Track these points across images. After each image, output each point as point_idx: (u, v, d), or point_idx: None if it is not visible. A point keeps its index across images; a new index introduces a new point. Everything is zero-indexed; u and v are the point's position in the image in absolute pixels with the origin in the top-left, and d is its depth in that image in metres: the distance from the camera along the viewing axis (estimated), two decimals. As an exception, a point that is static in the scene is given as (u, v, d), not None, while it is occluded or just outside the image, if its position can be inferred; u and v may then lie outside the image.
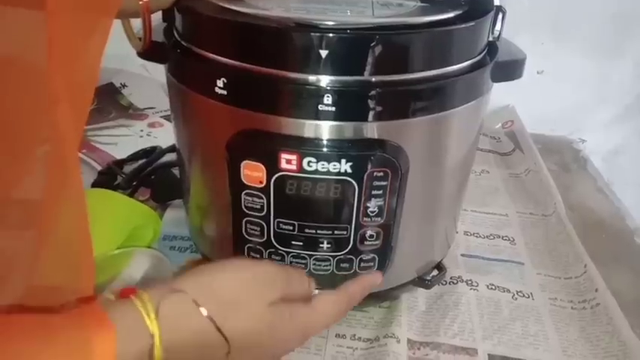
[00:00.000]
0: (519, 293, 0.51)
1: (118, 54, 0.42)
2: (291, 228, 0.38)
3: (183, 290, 0.28)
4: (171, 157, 0.63)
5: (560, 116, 0.86)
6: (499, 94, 0.41)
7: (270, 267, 0.33)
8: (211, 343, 0.28)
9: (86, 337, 0.24)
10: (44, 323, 0.24)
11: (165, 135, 0.72)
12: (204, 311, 0.28)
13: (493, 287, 0.51)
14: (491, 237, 0.59)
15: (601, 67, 0.82)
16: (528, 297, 0.50)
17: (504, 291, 0.51)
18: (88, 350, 0.23)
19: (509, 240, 0.58)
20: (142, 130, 0.74)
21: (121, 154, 0.66)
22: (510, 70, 0.41)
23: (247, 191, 0.37)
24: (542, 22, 0.79)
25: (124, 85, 0.83)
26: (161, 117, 0.78)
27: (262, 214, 0.37)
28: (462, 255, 0.55)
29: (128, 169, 0.62)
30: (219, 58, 0.35)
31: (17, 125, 0.31)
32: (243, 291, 0.30)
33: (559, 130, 0.86)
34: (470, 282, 0.51)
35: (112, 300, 0.29)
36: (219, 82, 0.34)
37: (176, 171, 0.60)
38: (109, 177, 0.61)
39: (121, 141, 0.71)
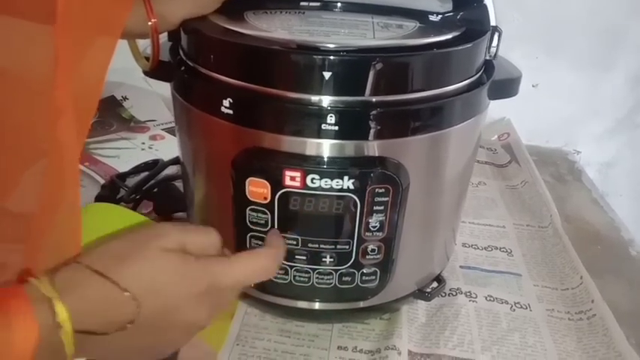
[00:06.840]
0: (517, 304, 0.51)
1: (120, 67, 0.43)
2: (294, 243, 0.39)
3: (75, 260, 0.28)
4: (173, 169, 0.64)
5: (554, 128, 0.87)
6: (495, 107, 0.43)
7: (164, 223, 0.33)
8: (112, 299, 0.27)
9: (7, 322, 0.24)
10: None
11: (166, 147, 0.73)
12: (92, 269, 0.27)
13: (491, 299, 0.52)
14: (489, 248, 0.60)
15: (594, 80, 0.84)
16: (526, 308, 0.51)
17: (502, 302, 0.51)
18: (10, 339, 0.24)
19: (506, 251, 0.59)
20: (143, 143, 0.75)
21: (123, 166, 0.67)
22: (506, 88, 0.42)
23: (252, 207, 0.38)
24: (535, 36, 0.81)
25: (125, 98, 0.84)
26: (162, 129, 0.79)
27: (266, 229, 0.38)
28: (461, 267, 0.56)
29: (131, 181, 0.63)
30: (225, 78, 0.36)
31: (16, 138, 0.32)
32: (128, 244, 0.30)
33: (554, 142, 0.88)
34: (469, 294, 0.52)
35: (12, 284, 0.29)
36: (225, 102, 0.35)
37: (178, 184, 0.61)
38: (112, 190, 0.61)
39: (123, 154, 0.72)
